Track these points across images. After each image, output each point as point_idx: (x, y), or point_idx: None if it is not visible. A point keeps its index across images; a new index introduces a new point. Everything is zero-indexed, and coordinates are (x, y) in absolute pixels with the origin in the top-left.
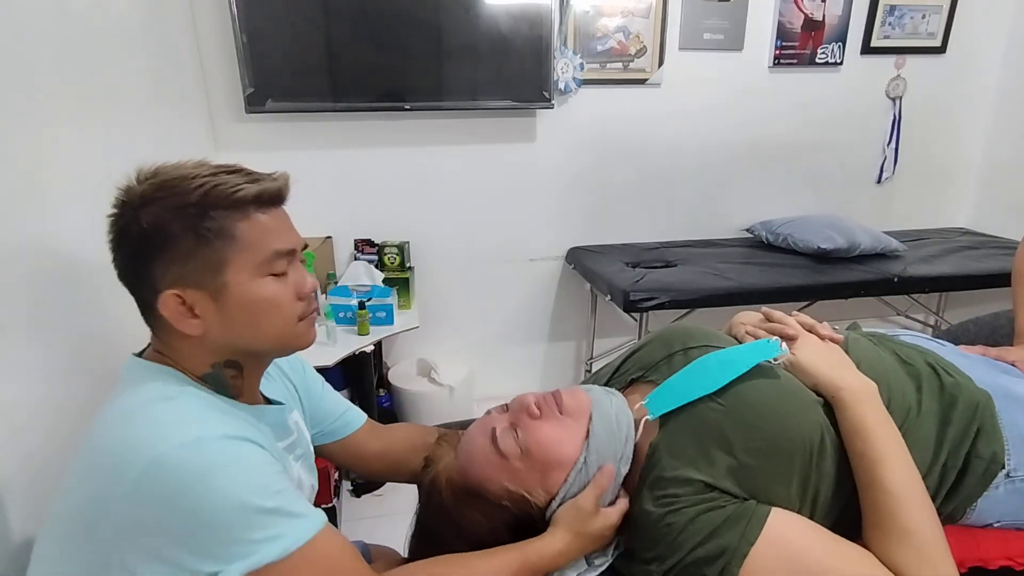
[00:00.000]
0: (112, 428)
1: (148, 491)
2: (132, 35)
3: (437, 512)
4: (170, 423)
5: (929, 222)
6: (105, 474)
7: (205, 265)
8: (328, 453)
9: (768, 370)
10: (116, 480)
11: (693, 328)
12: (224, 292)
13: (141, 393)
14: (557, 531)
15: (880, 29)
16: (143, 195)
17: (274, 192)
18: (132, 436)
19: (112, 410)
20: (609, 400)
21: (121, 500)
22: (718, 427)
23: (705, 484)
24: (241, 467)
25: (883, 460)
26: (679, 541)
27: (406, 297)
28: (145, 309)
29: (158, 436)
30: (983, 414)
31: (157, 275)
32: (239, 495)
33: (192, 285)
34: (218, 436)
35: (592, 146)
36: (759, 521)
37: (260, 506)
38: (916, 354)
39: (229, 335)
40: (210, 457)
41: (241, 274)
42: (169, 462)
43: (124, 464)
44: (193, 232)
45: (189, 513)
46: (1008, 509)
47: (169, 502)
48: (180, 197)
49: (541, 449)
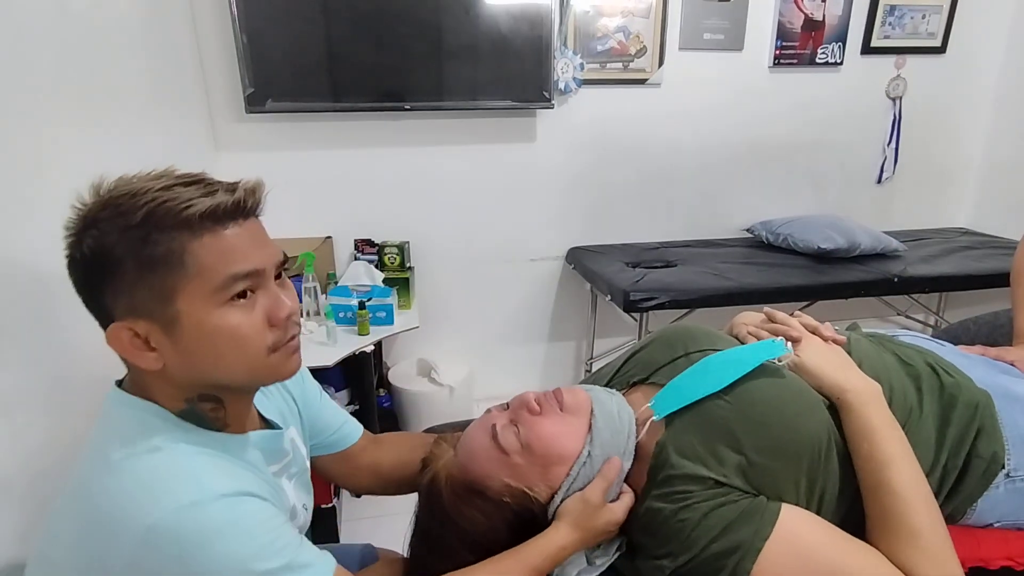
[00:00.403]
0: (104, 482)
1: (147, 560)
2: (132, 35)
3: (437, 511)
4: (161, 483)
5: (929, 222)
6: (102, 538)
7: (152, 294)
8: (321, 467)
9: (774, 370)
10: (114, 546)
11: (695, 329)
12: (176, 324)
13: (126, 440)
14: (561, 525)
15: (880, 29)
16: (87, 216)
17: (230, 206)
18: (125, 499)
19: (100, 458)
20: (609, 397)
21: (121, 567)
22: (726, 425)
23: (715, 481)
24: (240, 530)
25: (890, 462)
26: (693, 537)
27: (406, 297)
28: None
29: (151, 500)
30: (983, 414)
31: (109, 304)
32: (241, 561)
33: (143, 316)
34: (214, 497)
35: (592, 146)
36: (772, 517)
37: (264, 569)
38: (916, 354)
39: (191, 370)
40: (208, 522)
41: (194, 303)
42: (166, 530)
43: (121, 530)
44: (134, 257)
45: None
46: (1008, 509)
47: (168, 572)
48: (124, 217)
49: (542, 444)
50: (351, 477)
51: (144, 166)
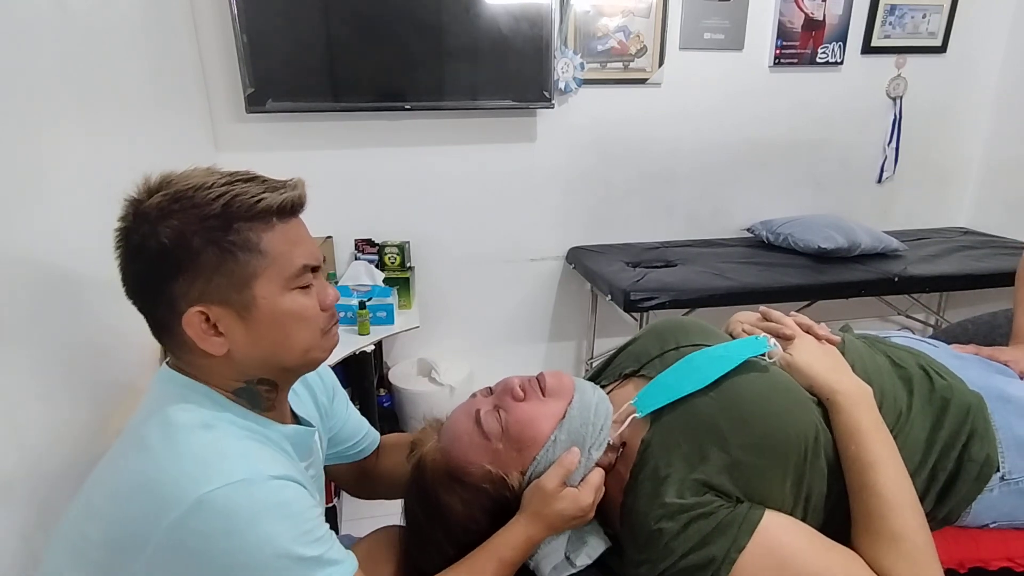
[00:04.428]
0: (155, 453)
1: (192, 528)
2: (132, 35)
3: (420, 496)
4: (215, 459)
5: (929, 222)
6: (147, 504)
7: (231, 281)
8: (335, 474)
9: (760, 366)
10: (160, 515)
11: (688, 323)
12: (252, 308)
13: (179, 416)
14: (521, 517)
15: (880, 29)
16: (160, 207)
17: (295, 201)
18: (176, 470)
19: (150, 432)
20: (592, 390)
21: (162, 533)
22: (712, 422)
23: (700, 482)
24: (286, 513)
25: (876, 464)
26: (670, 547)
27: (406, 297)
28: (160, 328)
29: (204, 473)
30: (975, 417)
31: (178, 292)
32: (283, 543)
33: (217, 302)
34: (265, 478)
35: (592, 146)
36: (750, 527)
37: (301, 555)
38: (908, 356)
39: (256, 351)
40: (257, 501)
41: (270, 288)
42: (216, 503)
43: (171, 499)
44: (216, 246)
45: (230, 555)
46: (1004, 510)
47: (213, 542)
48: (200, 208)
49: (519, 427)
50: (363, 485)
51: (144, 166)
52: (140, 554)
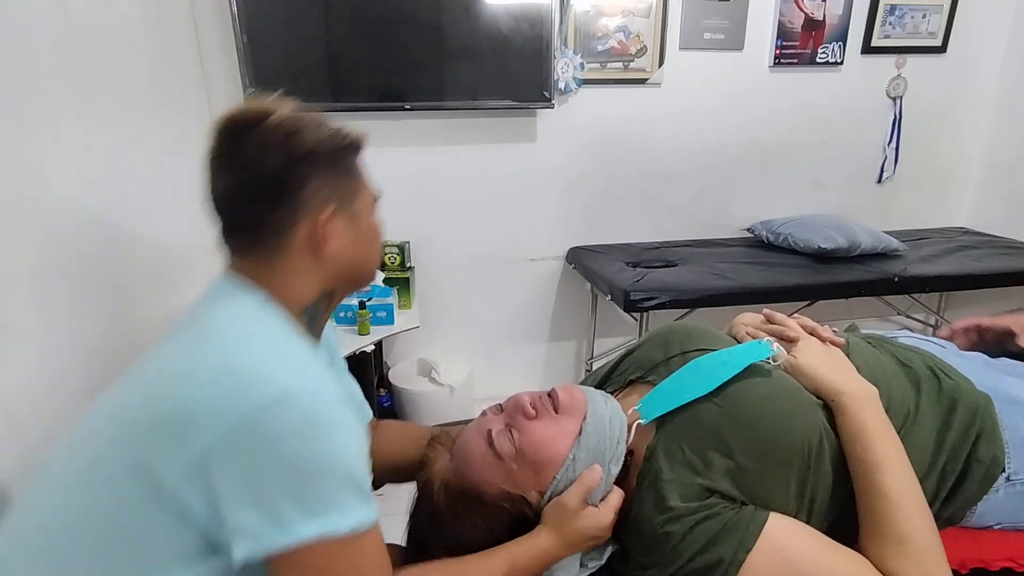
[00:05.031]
0: (237, 345)
1: (271, 418)
2: (132, 35)
3: (429, 516)
4: (298, 363)
5: (929, 222)
6: (229, 387)
7: (347, 191)
8: None
9: (764, 371)
10: (241, 396)
11: (692, 328)
12: (356, 218)
13: (257, 321)
14: (543, 530)
15: (880, 29)
16: (273, 128)
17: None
18: (262, 362)
19: (229, 326)
20: (604, 401)
21: (238, 417)
22: (715, 429)
23: (704, 488)
24: (355, 436)
25: (882, 466)
26: (679, 549)
27: (406, 297)
28: (266, 231)
29: (289, 372)
30: (983, 417)
31: (308, 194)
32: (347, 458)
33: (339, 207)
34: (339, 398)
35: (592, 146)
36: (756, 528)
37: (356, 477)
38: (915, 356)
39: (349, 258)
40: (334, 412)
41: (364, 205)
42: (300, 401)
43: (256, 384)
44: (341, 153)
45: (300, 456)
46: (1009, 511)
47: (287, 437)
48: (319, 125)
49: (534, 449)
50: None
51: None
52: (202, 438)
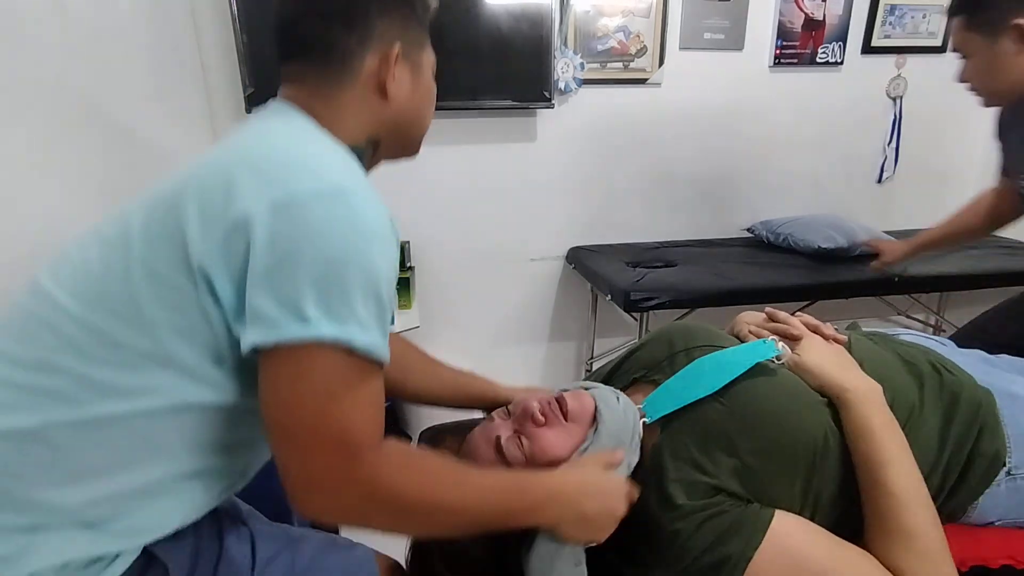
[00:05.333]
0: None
1: (325, 206)
2: (132, 35)
3: None
4: (353, 173)
5: (929, 222)
6: (290, 172)
7: (416, 36)
8: None
9: (769, 370)
10: (300, 181)
11: (695, 327)
12: (419, 71)
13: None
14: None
15: (881, 29)
16: None
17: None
18: (320, 160)
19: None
20: (615, 396)
21: (294, 198)
22: (721, 428)
23: (710, 486)
24: (392, 259)
25: (888, 462)
26: (686, 548)
27: (406, 297)
28: (333, 56)
29: (346, 174)
30: (985, 412)
31: (381, 28)
32: (382, 274)
33: (407, 47)
34: (388, 218)
35: (592, 146)
36: (762, 526)
37: (383, 299)
38: (918, 353)
39: (405, 107)
40: (382, 228)
41: (429, 61)
42: (353, 201)
43: (314, 174)
44: (415, 4)
45: (342, 250)
46: (1009, 507)
47: (337, 230)
48: None
49: (544, 456)
50: None
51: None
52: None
